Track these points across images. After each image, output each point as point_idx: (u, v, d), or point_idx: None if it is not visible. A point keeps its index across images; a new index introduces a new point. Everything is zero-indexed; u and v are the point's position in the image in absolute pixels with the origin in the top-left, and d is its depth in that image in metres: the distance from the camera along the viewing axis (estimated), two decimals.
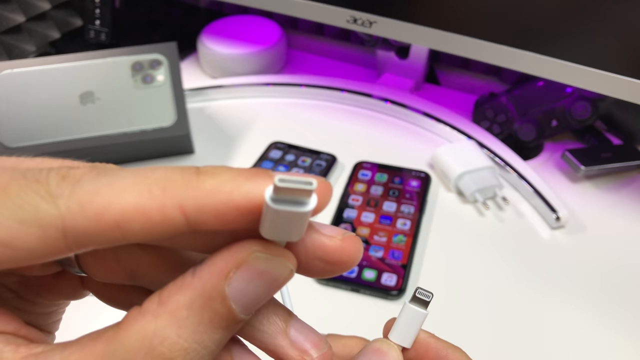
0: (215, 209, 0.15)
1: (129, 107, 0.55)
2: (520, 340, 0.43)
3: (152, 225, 0.15)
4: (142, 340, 0.15)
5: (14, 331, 0.16)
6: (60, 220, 0.14)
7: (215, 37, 0.71)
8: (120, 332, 0.15)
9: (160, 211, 0.14)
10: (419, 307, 0.22)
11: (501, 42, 0.53)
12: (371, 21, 0.58)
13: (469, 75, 0.72)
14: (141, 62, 0.56)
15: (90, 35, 0.71)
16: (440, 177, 0.57)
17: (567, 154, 0.57)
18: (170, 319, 0.15)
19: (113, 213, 0.14)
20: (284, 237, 0.16)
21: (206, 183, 0.15)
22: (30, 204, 0.14)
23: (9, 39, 0.66)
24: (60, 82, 0.54)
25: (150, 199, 0.14)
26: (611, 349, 0.43)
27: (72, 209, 0.14)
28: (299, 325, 0.18)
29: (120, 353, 0.15)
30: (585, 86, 0.51)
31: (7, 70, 0.53)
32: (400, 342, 0.22)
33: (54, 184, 0.15)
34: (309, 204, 0.15)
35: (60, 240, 0.14)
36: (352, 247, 0.17)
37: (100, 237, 0.14)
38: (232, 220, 0.15)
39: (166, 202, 0.14)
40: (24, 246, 0.14)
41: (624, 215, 0.54)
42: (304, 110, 0.67)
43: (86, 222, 0.14)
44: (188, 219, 0.15)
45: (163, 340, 0.15)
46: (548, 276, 0.48)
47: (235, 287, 0.15)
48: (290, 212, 0.15)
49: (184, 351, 0.15)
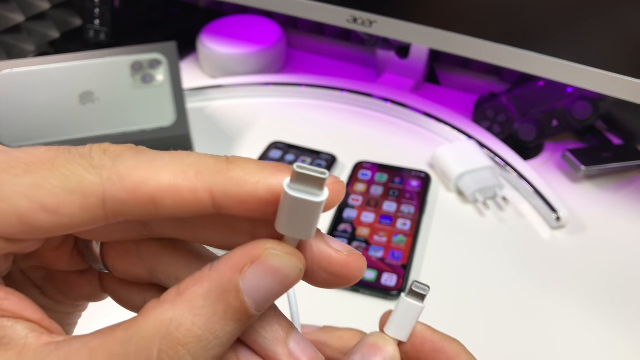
0: (240, 197, 0.16)
1: (129, 107, 0.55)
2: (521, 340, 0.43)
3: (183, 204, 0.16)
4: (160, 327, 0.16)
5: (38, 321, 0.17)
6: (102, 189, 0.16)
7: (215, 36, 0.71)
8: (139, 320, 0.16)
9: (191, 192, 0.16)
10: (415, 300, 0.22)
11: (501, 41, 0.53)
12: (371, 21, 0.58)
13: (469, 75, 0.72)
14: (141, 62, 0.56)
15: (90, 34, 0.71)
16: (440, 177, 0.57)
17: (567, 154, 0.57)
18: (187, 307, 0.16)
19: (149, 188, 0.16)
20: (296, 232, 0.17)
21: (235, 172, 0.16)
22: (75, 174, 0.16)
23: (8, 38, 0.66)
24: (60, 82, 0.54)
25: (184, 179, 0.16)
26: (611, 349, 0.42)
27: (113, 179, 0.16)
28: (299, 338, 0.19)
29: (138, 338, 0.16)
30: (586, 86, 0.51)
31: (6, 70, 0.53)
32: (396, 336, 0.22)
33: (97, 158, 0.16)
34: (322, 195, 0.16)
35: (99, 209, 0.16)
36: (356, 264, 0.18)
37: (135, 208, 0.16)
38: (253, 209, 0.17)
39: (198, 185, 0.16)
40: (67, 212, 0.16)
41: (625, 216, 0.54)
42: (304, 110, 0.67)
43: (124, 193, 0.16)
44: (215, 202, 0.16)
45: (179, 326, 0.16)
46: (548, 276, 0.48)
47: (249, 281, 0.16)
48: (304, 201, 0.16)
49: (198, 338, 0.16)
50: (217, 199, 0.16)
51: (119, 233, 0.19)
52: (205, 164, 0.17)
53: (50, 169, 0.16)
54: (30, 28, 0.68)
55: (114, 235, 0.19)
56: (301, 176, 0.16)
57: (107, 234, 0.19)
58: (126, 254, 0.19)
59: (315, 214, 0.17)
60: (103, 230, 0.18)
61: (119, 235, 0.19)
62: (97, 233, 0.19)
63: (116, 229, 0.19)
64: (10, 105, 0.52)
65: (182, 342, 0.16)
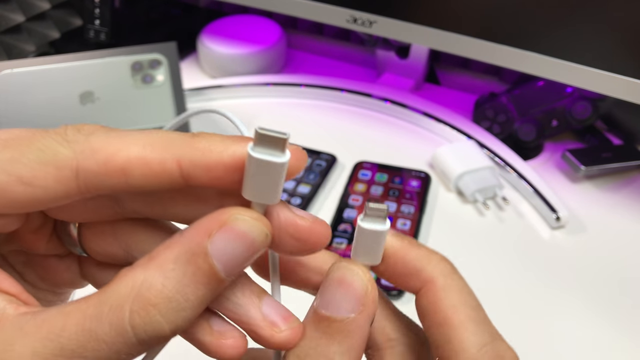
0: (206, 165, 0.17)
1: (129, 107, 0.55)
2: (521, 339, 0.43)
3: (151, 174, 0.17)
4: (132, 288, 0.16)
5: (16, 294, 0.18)
6: (75, 161, 0.17)
7: (215, 36, 0.71)
8: (112, 284, 0.17)
9: (160, 163, 0.17)
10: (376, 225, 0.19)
11: (501, 41, 0.53)
12: (371, 21, 0.58)
13: (469, 75, 0.72)
14: (141, 62, 0.56)
15: (90, 35, 0.71)
16: (440, 177, 0.57)
17: (567, 154, 0.57)
18: (158, 270, 0.17)
19: (119, 159, 0.17)
20: (262, 197, 0.18)
21: (201, 143, 0.17)
22: (50, 148, 0.17)
23: (8, 38, 0.66)
24: (60, 82, 0.54)
25: (152, 151, 0.17)
26: (611, 349, 0.43)
27: (85, 152, 0.17)
28: (272, 302, 0.19)
29: (111, 300, 0.16)
30: (586, 86, 0.51)
31: (6, 70, 0.53)
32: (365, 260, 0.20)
33: (71, 134, 0.17)
34: (284, 156, 0.17)
35: (72, 181, 0.17)
36: (321, 230, 0.19)
37: (106, 180, 0.17)
38: (220, 176, 0.17)
39: (166, 156, 0.17)
40: (42, 184, 0.17)
41: (624, 215, 0.54)
42: (304, 110, 0.67)
43: (96, 165, 0.17)
44: (182, 172, 0.17)
45: (150, 287, 0.16)
46: (548, 276, 0.48)
47: (216, 245, 0.17)
48: (267, 162, 0.17)
49: (168, 299, 0.16)
50: (185, 168, 0.17)
51: (93, 212, 0.20)
52: (172, 137, 0.18)
53: (27, 145, 0.17)
54: (31, 28, 0.68)
55: (88, 215, 0.20)
56: (263, 137, 0.17)
57: (82, 213, 0.19)
58: (102, 234, 0.20)
59: (278, 177, 0.18)
60: (78, 209, 0.19)
61: (93, 214, 0.20)
62: (72, 212, 0.19)
63: (90, 208, 0.19)
64: (10, 105, 0.52)
65: (152, 302, 0.16)
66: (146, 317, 0.16)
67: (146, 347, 0.17)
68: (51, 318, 0.16)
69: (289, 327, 0.19)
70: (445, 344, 0.19)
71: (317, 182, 0.55)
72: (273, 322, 0.19)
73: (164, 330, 0.16)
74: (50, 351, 0.16)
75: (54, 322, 0.16)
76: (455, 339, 0.18)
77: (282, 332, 0.19)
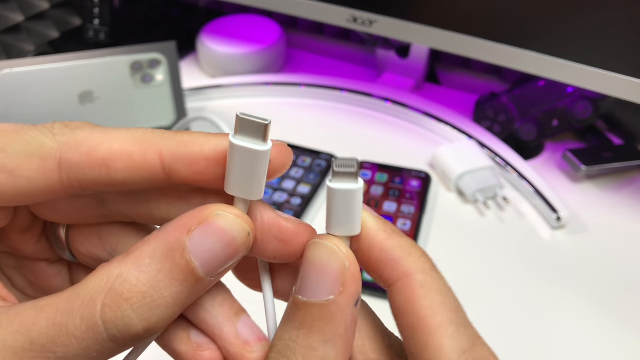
0: (188, 158, 0.17)
1: (128, 107, 0.55)
2: (521, 340, 0.43)
3: (133, 167, 0.17)
4: (106, 282, 0.16)
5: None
6: (58, 152, 0.17)
7: (214, 36, 0.71)
8: (87, 279, 0.16)
9: (142, 155, 0.17)
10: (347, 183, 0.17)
11: (502, 41, 0.52)
12: (371, 20, 0.58)
13: (469, 75, 0.72)
14: (140, 62, 0.56)
15: (89, 34, 0.70)
16: (440, 177, 0.57)
17: (568, 153, 0.57)
18: (133, 264, 0.16)
19: (102, 151, 0.17)
20: (244, 192, 0.17)
21: (183, 137, 0.17)
22: (36, 140, 0.17)
23: (7, 38, 0.66)
24: (59, 82, 0.54)
25: (134, 144, 0.17)
26: (613, 349, 0.42)
27: (69, 144, 0.17)
28: (249, 321, 0.19)
29: (84, 293, 0.16)
30: (586, 86, 0.51)
31: (6, 69, 0.52)
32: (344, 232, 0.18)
33: (57, 128, 0.17)
34: (265, 145, 0.17)
35: (55, 172, 0.17)
36: (306, 232, 0.18)
37: (88, 171, 0.17)
38: (202, 171, 0.17)
39: (148, 149, 0.17)
40: (26, 174, 0.17)
41: (625, 215, 0.54)
42: (304, 110, 0.67)
43: (79, 156, 0.17)
44: (164, 165, 0.17)
45: (124, 282, 0.16)
46: (549, 276, 0.48)
47: (195, 241, 0.16)
48: (248, 150, 0.17)
49: (142, 294, 0.16)
50: (167, 161, 0.17)
51: (79, 213, 0.19)
52: (155, 132, 0.18)
53: (13, 136, 0.17)
54: (30, 28, 0.68)
55: (75, 216, 0.20)
56: (244, 123, 0.17)
57: (68, 213, 0.19)
58: (89, 236, 0.20)
59: (260, 167, 0.17)
60: (64, 209, 0.19)
61: (79, 215, 0.20)
62: (59, 212, 0.19)
63: (76, 208, 0.19)
64: (9, 104, 0.52)
65: (125, 296, 0.16)
66: (118, 312, 0.16)
67: (118, 346, 0.16)
68: (24, 312, 0.16)
69: (262, 348, 0.18)
70: (421, 350, 0.17)
71: (317, 182, 0.55)
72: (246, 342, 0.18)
73: (136, 327, 0.16)
74: (21, 345, 0.15)
75: (26, 315, 0.16)
76: (433, 343, 0.16)
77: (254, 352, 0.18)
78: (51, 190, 0.17)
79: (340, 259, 0.17)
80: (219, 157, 0.17)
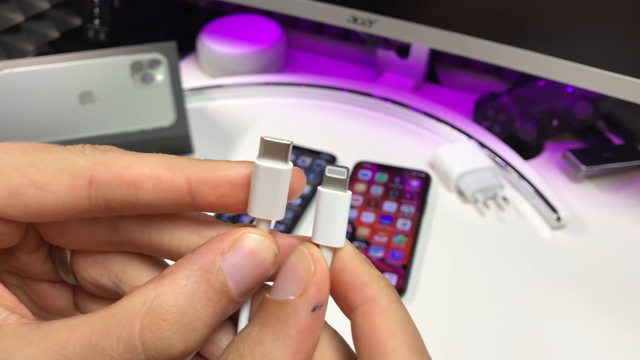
0: (214, 181, 0.18)
1: (128, 107, 0.55)
2: (521, 340, 0.43)
3: (161, 188, 0.18)
4: (143, 303, 0.16)
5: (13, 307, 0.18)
6: (90, 171, 0.17)
7: (214, 36, 0.71)
8: (122, 300, 0.17)
9: (170, 178, 0.18)
10: (336, 189, 0.18)
11: (502, 41, 0.52)
12: (371, 20, 0.58)
13: (469, 75, 0.72)
14: (140, 62, 0.56)
15: (90, 34, 0.70)
16: (440, 177, 0.57)
17: (568, 153, 0.57)
18: (170, 286, 0.16)
19: (133, 172, 0.18)
20: (267, 212, 0.18)
21: (209, 163, 0.18)
22: (68, 158, 0.18)
23: (8, 38, 0.66)
24: (60, 82, 0.54)
25: (163, 168, 0.18)
26: (612, 349, 0.42)
27: (100, 163, 0.18)
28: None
29: (121, 314, 0.16)
30: (587, 86, 0.51)
31: (6, 70, 0.52)
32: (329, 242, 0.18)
33: (88, 149, 0.18)
34: (287, 165, 0.18)
35: (84, 189, 0.17)
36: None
37: (117, 191, 0.17)
38: (226, 194, 0.18)
39: (176, 172, 0.18)
40: (54, 189, 0.17)
41: (626, 215, 0.54)
42: (304, 110, 0.67)
43: (110, 175, 0.17)
44: (191, 188, 0.18)
45: (162, 302, 0.16)
46: (549, 276, 0.48)
47: (229, 263, 0.17)
48: (271, 170, 0.18)
49: (180, 315, 0.16)
50: (193, 184, 0.18)
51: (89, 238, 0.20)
52: (182, 158, 0.19)
53: (45, 154, 0.18)
54: (30, 28, 0.68)
55: (84, 241, 0.20)
56: (267, 145, 0.18)
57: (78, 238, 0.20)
58: (94, 263, 0.20)
59: (282, 186, 0.18)
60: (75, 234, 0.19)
61: (89, 241, 0.20)
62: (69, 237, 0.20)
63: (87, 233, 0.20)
64: (9, 105, 0.52)
65: (164, 317, 0.16)
66: (157, 332, 0.16)
67: None
68: (55, 330, 0.16)
69: None
70: None
71: (317, 182, 0.55)
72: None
73: (175, 348, 0.16)
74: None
75: (58, 334, 0.16)
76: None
77: None
78: (76, 208, 0.17)
79: (306, 263, 0.18)
80: (242, 182, 0.18)
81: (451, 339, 0.43)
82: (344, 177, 0.18)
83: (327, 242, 0.18)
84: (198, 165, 0.18)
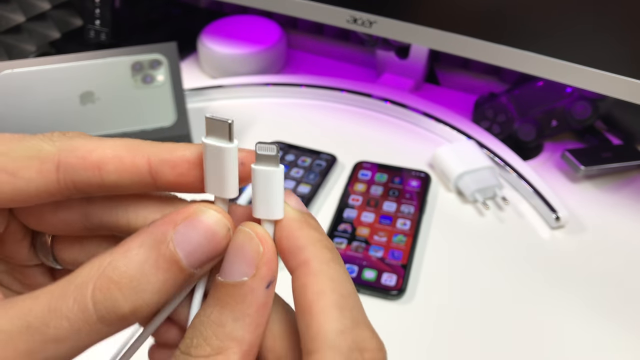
0: (172, 161, 0.19)
1: (129, 107, 0.55)
2: (520, 340, 0.43)
3: (124, 169, 0.19)
4: (97, 268, 0.18)
5: None
6: (57, 156, 0.19)
7: (215, 37, 0.71)
8: (80, 268, 0.18)
9: (131, 159, 0.19)
10: (269, 166, 0.19)
11: (501, 41, 0.53)
12: (371, 21, 0.58)
13: (468, 75, 0.72)
14: (141, 62, 0.56)
15: (90, 35, 0.71)
16: (440, 177, 0.57)
17: (567, 154, 0.57)
18: (122, 253, 0.18)
19: (96, 155, 0.19)
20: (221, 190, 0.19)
21: (168, 145, 0.20)
22: (36, 145, 0.19)
23: (8, 39, 0.66)
24: (60, 82, 0.54)
25: (125, 150, 0.19)
26: (612, 349, 0.43)
27: (66, 149, 0.19)
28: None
29: (77, 280, 0.17)
30: (585, 86, 0.51)
31: (7, 70, 0.53)
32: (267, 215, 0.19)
33: (56, 136, 0.19)
34: (231, 143, 0.19)
35: (53, 173, 0.19)
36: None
37: (83, 173, 0.19)
38: (184, 173, 0.19)
39: (137, 154, 0.19)
40: (25, 175, 0.18)
41: (625, 215, 0.54)
42: (304, 110, 0.67)
43: (75, 159, 0.19)
44: (151, 168, 0.19)
45: (114, 268, 0.17)
46: (548, 276, 0.48)
47: (180, 234, 0.18)
48: (215, 147, 0.19)
49: (129, 278, 0.17)
50: (153, 165, 0.19)
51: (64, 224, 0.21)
52: (143, 141, 0.20)
53: (15, 143, 0.19)
54: (31, 28, 0.68)
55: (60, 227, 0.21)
56: (210, 123, 0.19)
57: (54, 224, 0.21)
58: (71, 246, 0.22)
59: (228, 164, 0.19)
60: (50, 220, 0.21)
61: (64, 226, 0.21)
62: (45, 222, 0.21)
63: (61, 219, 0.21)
64: (10, 105, 0.52)
65: (114, 280, 0.17)
66: (107, 294, 0.17)
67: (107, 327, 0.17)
68: (21, 301, 0.17)
69: None
70: (305, 331, 0.17)
71: (317, 182, 0.55)
72: None
73: (123, 308, 0.17)
74: (17, 328, 0.17)
75: (23, 304, 0.17)
76: (314, 324, 0.17)
77: None
78: (47, 191, 0.19)
79: (254, 244, 0.19)
80: (198, 161, 0.19)
81: (450, 338, 0.43)
82: (274, 154, 0.19)
83: (267, 215, 0.19)
84: (158, 147, 0.19)
